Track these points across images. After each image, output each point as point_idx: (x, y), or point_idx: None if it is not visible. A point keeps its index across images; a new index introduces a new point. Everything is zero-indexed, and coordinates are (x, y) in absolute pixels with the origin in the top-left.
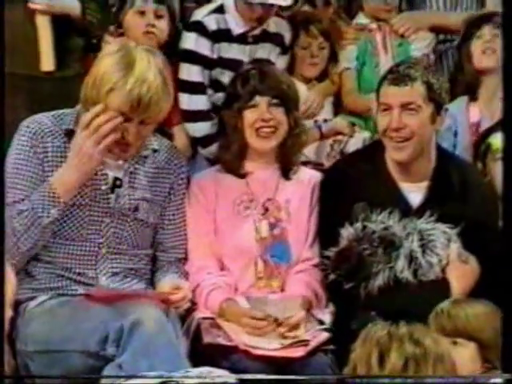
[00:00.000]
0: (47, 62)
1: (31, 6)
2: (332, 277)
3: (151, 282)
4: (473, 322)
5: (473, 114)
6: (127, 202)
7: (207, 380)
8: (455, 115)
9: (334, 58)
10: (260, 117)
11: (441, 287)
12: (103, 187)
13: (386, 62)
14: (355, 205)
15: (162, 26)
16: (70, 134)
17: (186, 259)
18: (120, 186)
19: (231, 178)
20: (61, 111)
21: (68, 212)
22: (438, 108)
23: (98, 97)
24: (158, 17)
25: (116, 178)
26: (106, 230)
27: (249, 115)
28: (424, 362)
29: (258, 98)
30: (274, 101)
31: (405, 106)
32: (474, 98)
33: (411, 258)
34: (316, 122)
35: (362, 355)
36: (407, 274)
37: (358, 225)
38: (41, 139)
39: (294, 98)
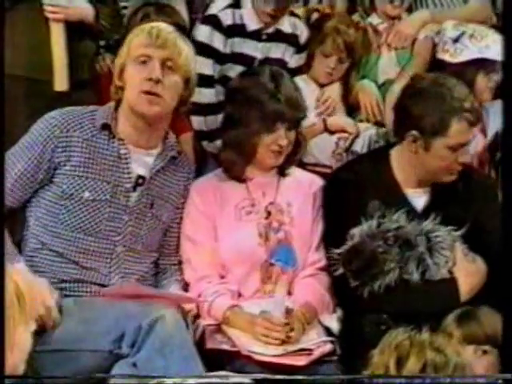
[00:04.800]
0: (61, 82)
1: (49, 15)
2: (339, 272)
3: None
4: (498, 327)
5: None
6: (144, 197)
7: (222, 380)
8: None
9: (352, 70)
10: (277, 142)
11: (449, 286)
12: (127, 185)
13: (388, 59)
14: (369, 203)
15: None
16: (105, 127)
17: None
18: (142, 185)
19: (231, 184)
20: (91, 107)
21: (89, 206)
22: None
23: (125, 48)
24: None
25: (139, 177)
26: (124, 227)
27: (266, 137)
28: (443, 369)
29: (278, 125)
30: (291, 126)
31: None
32: None
33: (419, 260)
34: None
35: (381, 360)
36: (416, 277)
37: (374, 222)
38: (66, 132)
39: (304, 119)
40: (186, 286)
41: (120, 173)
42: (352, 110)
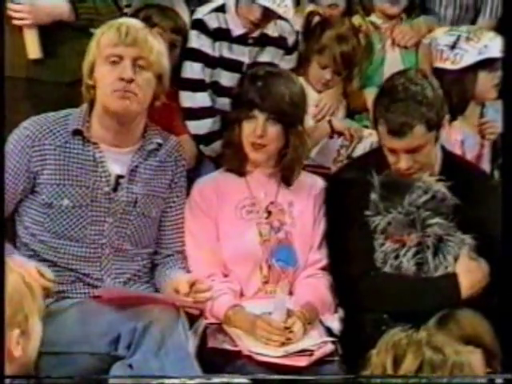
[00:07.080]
0: (34, 50)
1: (15, 22)
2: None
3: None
4: (478, 327)
5: (454, 131)
6: (125, 195)
7: (219, 380)
8: None
9: (351, 78)
10: (254, 131)
11: (449, 282)
12: (106, 188)
13: (392, 60)
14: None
15: None
16: (77, 133)
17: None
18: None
19: (232, 183)
20: (64, 111)
21: (70, 213)
22: (439, 124)
23: (94, 46)
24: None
25: (119, 176)
26: (108, 229)
27: (246, 126)
28: (441, 369)
29: (256, 112)
30: (272, 116)
31: (410, 151)
32: (453, 118)
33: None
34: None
35: (379, 359)
36: (410, 266)
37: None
38: (38, 141)
39: (296, 114)
40: None
41: (97, 176)
42: (354, 113)
